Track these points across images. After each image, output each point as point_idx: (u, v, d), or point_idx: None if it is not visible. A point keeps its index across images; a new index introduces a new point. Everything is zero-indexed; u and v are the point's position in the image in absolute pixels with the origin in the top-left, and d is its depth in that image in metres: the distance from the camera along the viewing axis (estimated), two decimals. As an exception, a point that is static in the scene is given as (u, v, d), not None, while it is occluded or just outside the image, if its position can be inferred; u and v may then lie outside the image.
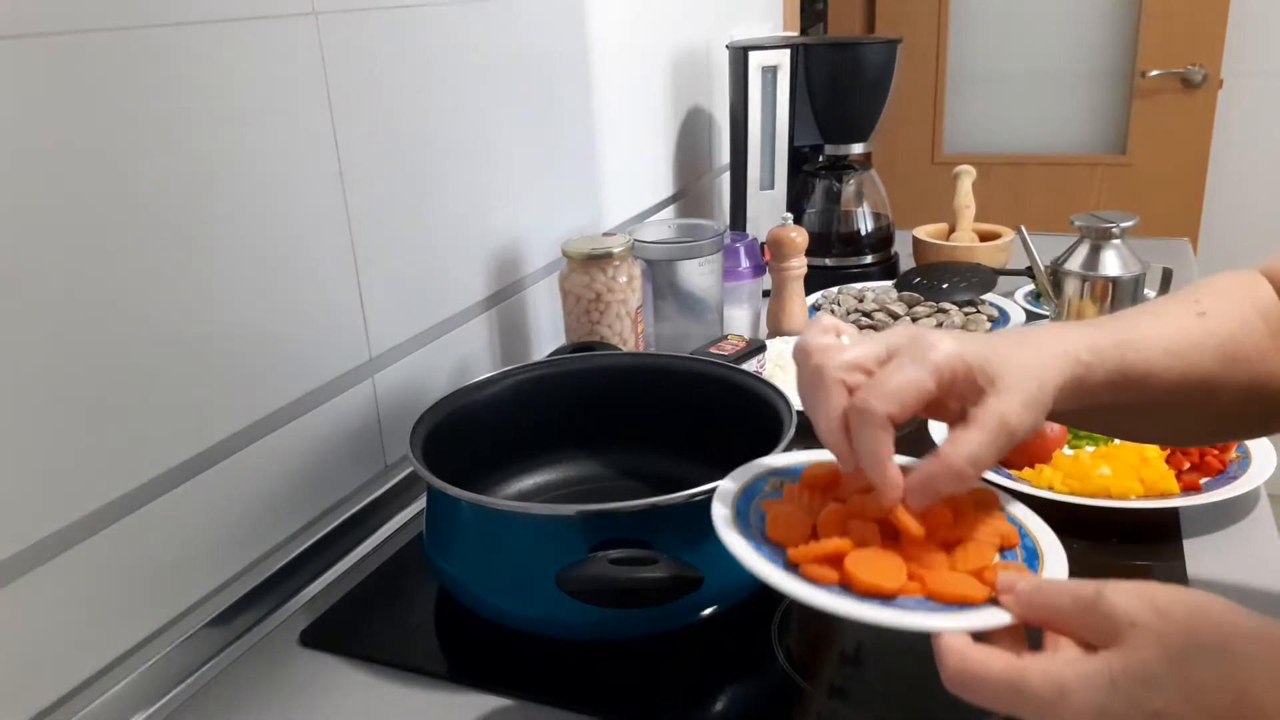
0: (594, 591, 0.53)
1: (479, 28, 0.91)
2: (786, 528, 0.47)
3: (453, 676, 0.62)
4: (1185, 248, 1.46)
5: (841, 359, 0.47)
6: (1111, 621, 0.38)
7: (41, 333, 0.54)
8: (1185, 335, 0.53)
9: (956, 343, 0.47)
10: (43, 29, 0.53)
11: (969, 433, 0.45)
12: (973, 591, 0.43)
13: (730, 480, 0.51)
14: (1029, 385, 0.47)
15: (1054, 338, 0.50)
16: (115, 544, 0.60)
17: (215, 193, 0.64)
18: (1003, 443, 0.46)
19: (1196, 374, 0.52)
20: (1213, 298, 0.55)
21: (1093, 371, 0.49)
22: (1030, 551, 0.48)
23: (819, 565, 0.44)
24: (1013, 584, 0.43)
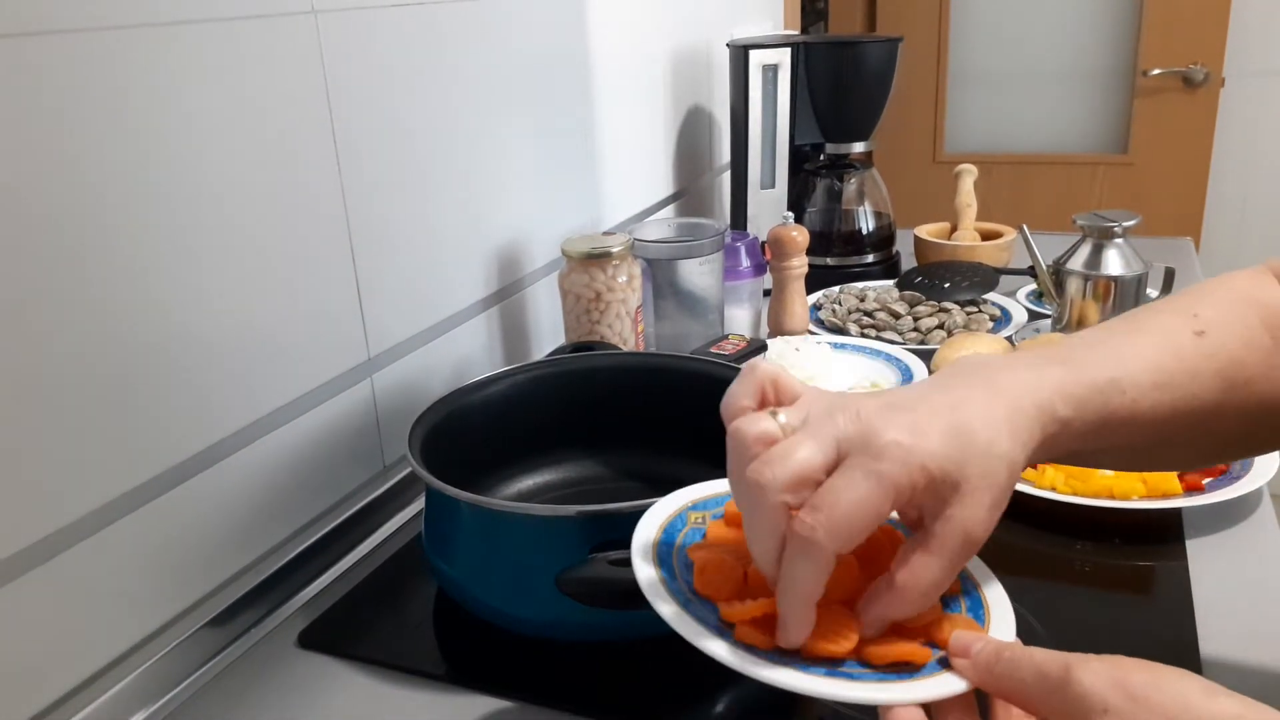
0: (594, 593, 0.53)
1: (479, 26, 0.91)
2: (716, 580, 0.43)
3: (451, 678, 0.61)
4: (1187, 247, 1.45)
5: (784, 476, 0.39)
6: (1083, 705, 0.35)
7: (40, 333, 0.54)
8: (1179, 363, 0.47)
9: (911, 436, 0.40)
10: (41, 28, 0.52)
11: (929, 557, 0.41)
12: (915, 654, 0.40)
13: (647, 524, 0.47)
14: (996, 479, 0.41)
15: (1028, 385, 0.44)
16: (113, 544, 0.59)
17: (213, 191, 0.64)
18: (966, 557, 0.41)
19: (1193, 405, 0.47)
20: (1213, 309, 0.49)
21: (1069, 427, 0.44)
22: (974, 601, 0.45)
23: (753, 629, 0.41)
24: (968, 646, 0.40)
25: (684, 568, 0.45)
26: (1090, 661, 0.36)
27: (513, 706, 0.59)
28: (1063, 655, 0.37)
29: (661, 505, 0.50)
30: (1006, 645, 0.39)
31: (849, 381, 1.00)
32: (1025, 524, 0.74)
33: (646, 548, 0.46)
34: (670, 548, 0.46)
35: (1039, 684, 0.37)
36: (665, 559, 0.45)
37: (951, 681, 0.40)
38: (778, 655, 0.40)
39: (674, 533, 0.48)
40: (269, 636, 0.67)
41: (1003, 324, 1.12)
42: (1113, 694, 0.35)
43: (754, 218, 1.33)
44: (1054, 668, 0.37)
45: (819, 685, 0.39)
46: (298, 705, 0.60)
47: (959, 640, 0.40)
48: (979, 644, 0.40)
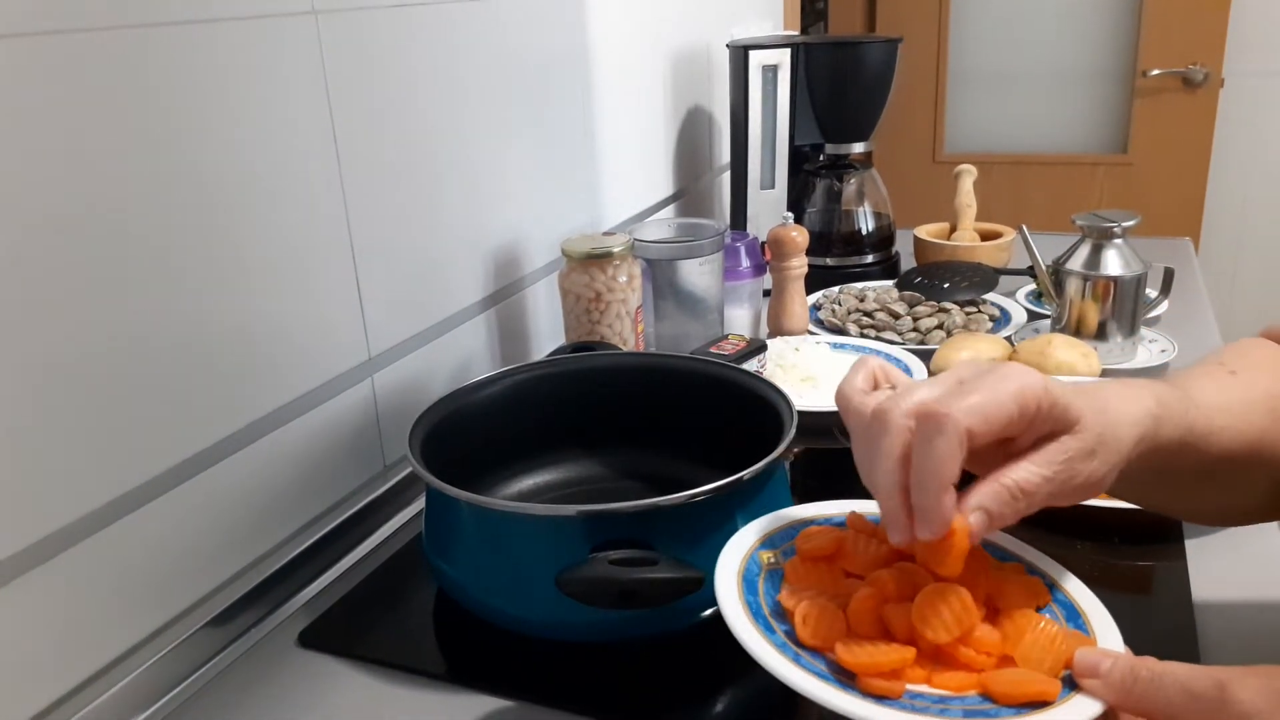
0: (594, 592, 0.53)
1: (479, 27, 0.91)
2: (822, 630, 0.43)
3: (452, 678, 0.61)
4: (1187, 247, 1.45)
5: (905, 404, 0.41)
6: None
7: (40, 333, 0.54)
8: (1231, 393, 0.50)
9: (1041, 375, 0.43)
10: (41, 28, 0.52)
11: (1031, 462, 0.42)
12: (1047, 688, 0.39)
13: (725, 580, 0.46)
14: (1106, 435, 0.43)
15: (1129, 392, 0.47)
16: (114, 544, 0.59)
17: (213, 192, 0.64)
18: (1064, 481, 0.43)
19: (1250, 433, 0.50)
20: (1236, 359, 0.54)
21: (1163, 427, 0.46)
22: (1067, 607, 0.45)
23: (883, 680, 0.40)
24: (1096, 665, 0.39)
25: (776, 616, 0.44)
26: (1246, 678, 0.36)
27: (513, 706, 0.59)
28: (1211, 672, 0.37)
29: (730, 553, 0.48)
30: (1140, 662, 0.39)
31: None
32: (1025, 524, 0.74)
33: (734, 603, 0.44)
34: (755, 597, 0.45)
35: (1189, 704, 0.37)
36: (755, 610, 0.44)
37: (1086, 705, 0.39)
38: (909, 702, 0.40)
39: (753, 577, 0.47)
40: (270, 636, 0.67)
41: (1002, 324, 1.12)
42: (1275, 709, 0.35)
43: (754, 218, 1.33)
44: (1206, 687, 0.36)
45: None
46: (298, 705, 0.60)
47: (1085, 660, 0.40)
48: (1107, 662, 0.39)
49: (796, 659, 0.41)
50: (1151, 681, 0.38)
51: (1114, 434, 0.44)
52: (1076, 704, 0.39)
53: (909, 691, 0.40)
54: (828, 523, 0.51)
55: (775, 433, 0.65)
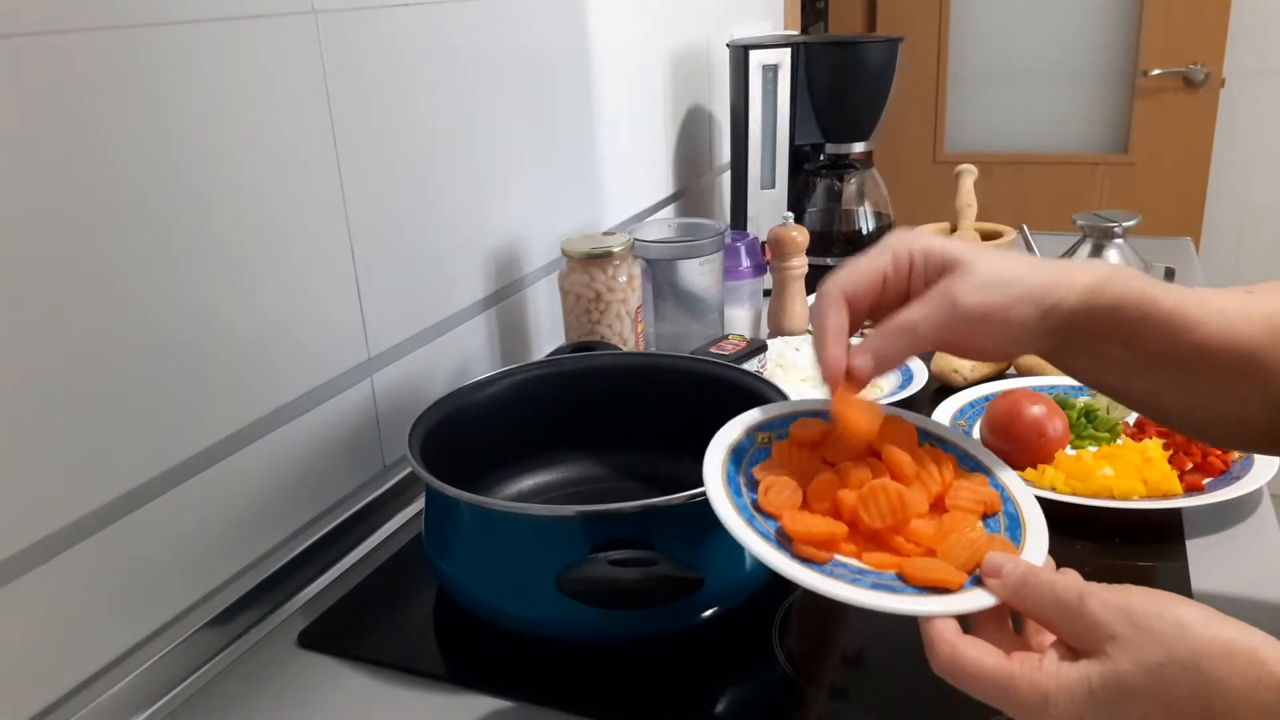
0: (594, 593, 0.53)
1: (479, 26, 0.90)
2: (778, 498, 0.49)
3: (452, 678, 0.61)
4: (1187, 247, 1.45)
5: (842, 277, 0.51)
6: (1092, 632, 0.40)
7: (40, 333, 0.54)
8: (1231, 301, 0.50)
9: (934, 237, 0.50)
10: (40, 28, 0.52)
11: (915, 303, 0.49)
12: (950, 577, 0.45)
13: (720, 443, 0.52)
14: (997, 267, 0.48)
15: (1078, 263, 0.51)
16: (114, 544, 0.59)
17: (213, 191, 0.64)
18: (944, 314, 0.48)
19: (1241, 339, 0.49)
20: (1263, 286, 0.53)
21: (1107, 288, 0.48)
22: (1013, 519, 0.49)
23: (813, 547, 0.46)
24: (999, 567, 0.44)
25: (750, 486, 0.50)
26: (1101, 591, 0.41)
27: (513, 706, 0.59)
28: (1079, 585, 0.42)
29: (733, 424, 0.54)
30: (1033, 569, 0.44)
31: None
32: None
33: (716, 466, 0.50)
34: (738, 466, 0.51)
35: (1057, 610, 0.42)
36: (732, 476, 0.50)
37: (981, 598, 0.44)
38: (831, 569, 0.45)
39: (741, 452, 0.52)
40: (269, 636, 0.67)
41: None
42: (1119, 622, 0.39)
43: (754, 218, 1.33)
44: (1070, 595, 0.41)
45: (865, 596, 0.43)
46: (298, 705, 0.60)
47: (992, 561, 0.45)
48: (1009, 565, 0.44)
49: (750, 520, 0.47)
50: (1035, 586, 0.43)
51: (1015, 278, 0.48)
52: (972, 595, 0.44)
53: (835, 560, 0.46)
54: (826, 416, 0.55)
55: (775, 433, 0.65)
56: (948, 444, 0.54)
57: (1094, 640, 0.40)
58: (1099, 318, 0.49)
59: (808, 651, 0.62)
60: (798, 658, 0.61)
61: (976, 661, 0.41)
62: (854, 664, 0.61)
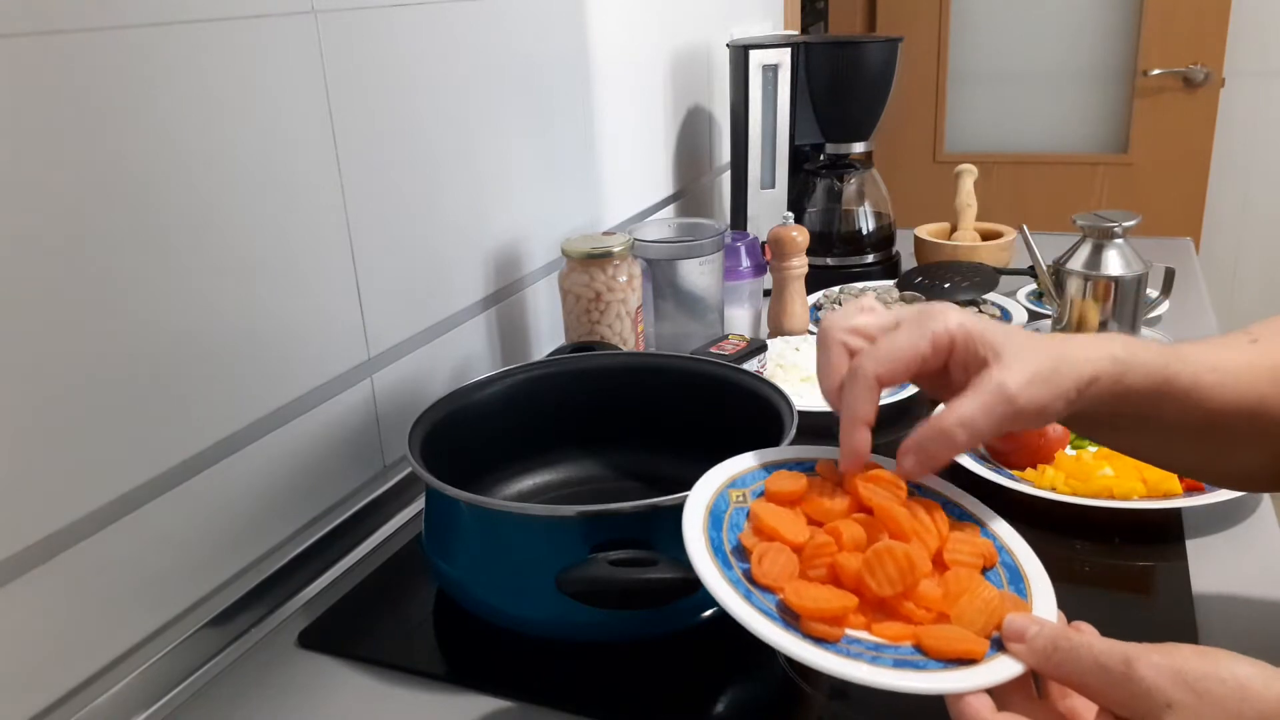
0: (594, 593, 0.53)
1: (479, 26, 0.90)
2: (774, 569, 0.45)
3: (452, 678, 0.61)
4: (1187, 247, 1.45)
5: (845, 322, 0.49)
6: (1147, 702, 0.37)
7: (40, 333, 0.54)
8: (1235, 356, 0.50)
9: (965, 315, 0.47)
10: (40, 28, 0.52)
11: (965, 398, 0.46)
12: (974, 646, 0.42)
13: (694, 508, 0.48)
14: (1039, 361, 0.46)
15: (1092, 338, 0.49)
16: (113, 544, 0.59)
17: (213, 191, 0.64)
18: (1000, 410, 0.45)
19: (1251, 396, 0.50)
20: (1267, 330, 0.54)
21: (1130, 371, 0.47)
22: (1012, 570, 0.47)
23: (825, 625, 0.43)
24: (1022, 631, 0.42)
25: (736, 552, 0.47)
26: (1149, 653, 0.38)
27: (513, 706, 0.59)
28: (1121, 647, 0.39)
29: (702, 487, 0.50)
30: (1062, 633, 0.41)
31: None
32: (1025, 524, 0.73)
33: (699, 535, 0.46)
34: (719, 533, 0.47)
35: (1099, 676, 0.39)
36: (716, 544, 0.47)
37: (1009, 666, 0.41)
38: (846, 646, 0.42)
39: (720, 514, 0.49)
40: (269, 637, 0.67)
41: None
42: (1175, 689, 0.37)
43: (754, 218, 1.33)
44: (1114, 660, 0.38)
45: (889, 678, 0.40)
46: (298, 706, 0.60)
47: (1012, 625, 0.42)
48: (1033, 629, 0.42)
49: (748, 595, 0.43)
50: (1070, 651, 0.40)
51: (1055, 368, 0.46)
52: (1000, 664, 0.41)
53: (847, 636, 0.43)
54: (799, 467, 0.53)
55: (775, 433, 0.65)
56: (927, 490, 0.52)
57: (1148, 709, 0.37)
58: (1120, 398, 0.48)
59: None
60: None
61: None
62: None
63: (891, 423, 0.93)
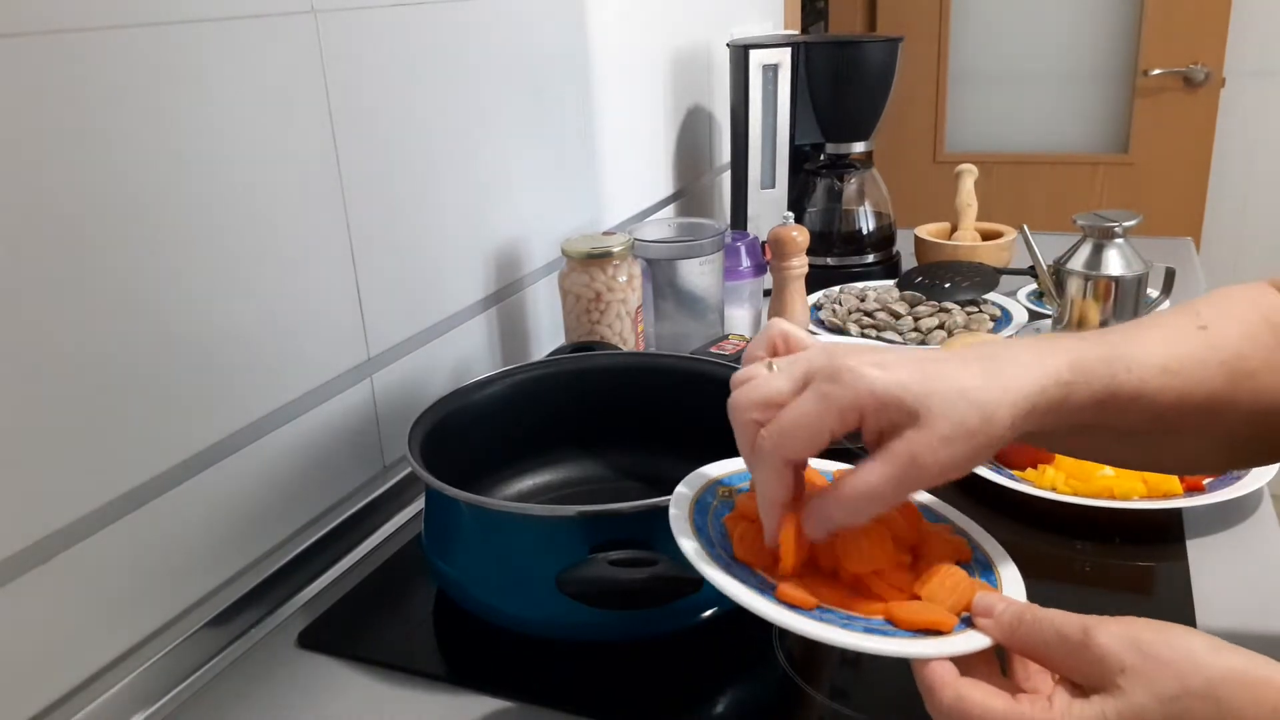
0: (594, 593, 0.53)
1: (479, 26, 0.90)
2: (754, 547, 0.47)
3: (451, 678, 0.61)
4: (1188, 246, 1.45)
5: (752, 397, 0.45)
6: (1101, 667, 0.39)
7: (41, 333, 0.54)
8: (1185, 350, 0.48)
9: (879, 372, 0.43)
10: (40, 27, 0.52)
11: (870, 465, 0.43)
12: (942, 619, 0.43)
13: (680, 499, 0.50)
14: (960, 416, 0.42)
15: (1035, 354, 0.45)
16: (113, 544, 0.59)
17: (213, 191, 0.64)
18: (909, 477, 0.43)
19: (1199, 393, 0.48)
20: (1215, 310, 0.51)
21: (1075, 392, 0.45)
22: (984, 565, 0.48)
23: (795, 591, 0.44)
24: (990, 607, 0.43)
25: (720, 537, 0.48)
26: (1107, 624, 0.40)
27: (513, 706, 0.59)
28: (1080, 618, 0.40)
29: (689, 482, 0.52)
30: (1027, 607, 0.43)
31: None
32: (1025, 524, 0.74)
33: (684, 520, 0.48)
34: (704, 519, 0.49)
35: (1060, 645, 0.40)
36: (702, 529, 0.48)
37: (976, 638, 0.43)
38: (819, 614, 0.44)
39: (705, 506, 0.51)
40: (269, 637, 0.67)
41: (1003, 324, 1.12)
42: (1128, 654, 0.38)
43: (754, 218, 1.33)
44: (1073, 630, 0.40)
45: (858, 640, 0.42)
46: (298, 705, 0.60)
47: (982, 601, 0.44)
48: (1001, 605, 0.43)
49: (726, 567, 0.45)
50: (1034, 624, 0.41)
51: (986, 415, 0.43)
52: (966, 636, 0.43)
53: (820, 607, 0.44)
54: None
55: (775, 433, 0.65)
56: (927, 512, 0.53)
57: (1103, 674, 0.39)
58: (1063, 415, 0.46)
59: (807, 651, 0.62)
60: (798, 658, 0.61)
61: (984, 705, 0.40)
62: (854, 664, 0.61)
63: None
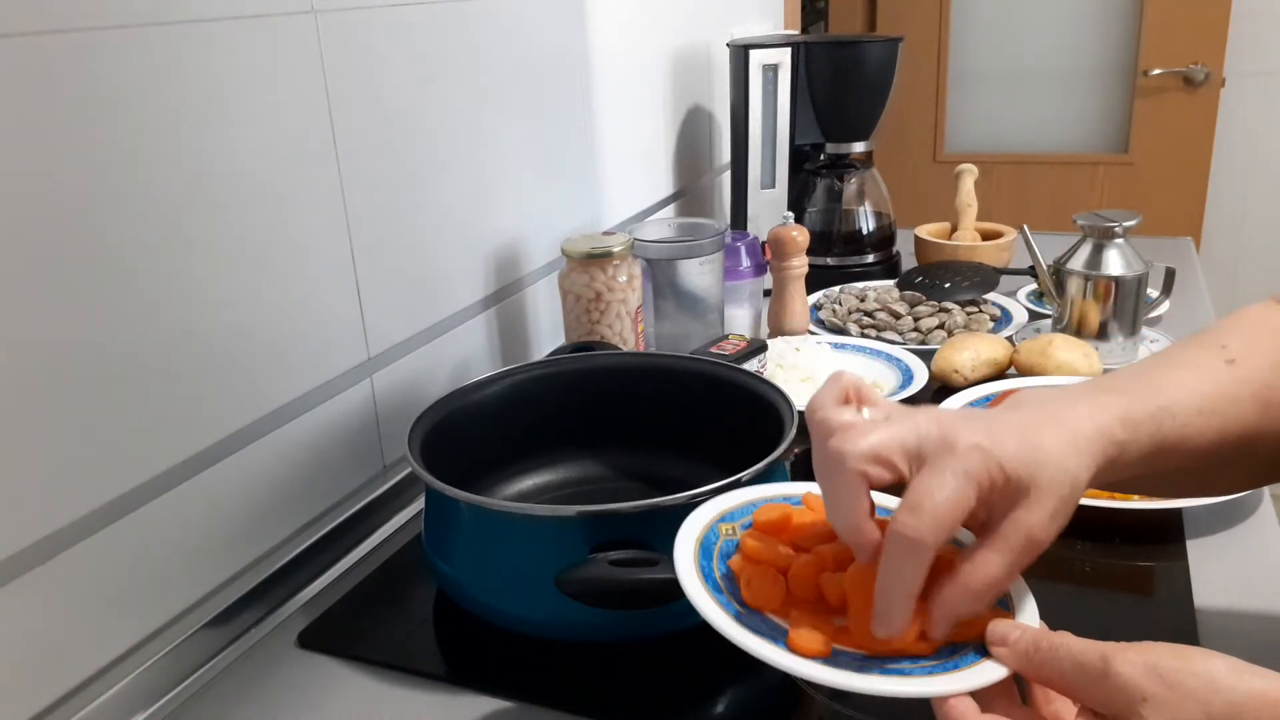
0: (594, 593, 0.53)
1: (479, 26, 0.91)
2: (763, 592, 0.46)
3: (451, 678, 0.61)
4: (1188, 246, 1.45)
5: (862, 447, 0.43)
6: (1123, 696, 0.38)
7: (40, 333, 0.54)
8: (1218, 389, 0.50)
9: (989, 440, 0.43)
10: (41, 28, 0.52)
11: (992, 553, 0.43)
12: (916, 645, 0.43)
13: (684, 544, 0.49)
14: (1061, 490, 0.44)
15: (1087, 413, 0.47)
16: (113, 544, 0.59)
17: (213, 192, 0.64)
18: (1025, 561, 0.43)
19: (1235, 429, 0.50)
20: (1240, 340, 0.53)
21: (1127, 451, 0.47)
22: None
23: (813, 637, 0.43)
24: (1005, 635, 0.42)
25: (726, 580, 0.47)
26: (1125, 651, 0.39)
27: (513, 706, 0.59)
28: (1098, 646, 0.40)
29: (692, 522, 0.51)
30: (1043, 634, 0.42)
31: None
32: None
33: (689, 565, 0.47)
34: (709, 562, 0.48)
35: (1078, 674, 0.40)
36: (708, 573, 0.47)
37: (993, 670, 0.42)
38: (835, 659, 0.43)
39: (710, 546, 0.50)
40: (269, 637, 0.67)
41: (1003, 324, 1.12)
42: (1149, 682, 0.38)
43: (754, 218, 1.33)
44: (1092, 658, 0.39)
45: (878, 684, 0.41)
46: (298, 705, 0.60)
47: (996, 629, 0.43)
48: (1016, 632, 0.42)
49: (737, 616, 0.44)
50: (1050, 651, 0.41)
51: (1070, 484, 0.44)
52: (984, 668, 0.42)
53: (836, 649, 0.43)
54: (785, 500, 0.54)
55: (775, 433, 0.65)
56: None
57: (1125, 703, 0.38)
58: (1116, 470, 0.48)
59: (808, 651, 0.62)
60: (798, 658, 0.61)
61: None
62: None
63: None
